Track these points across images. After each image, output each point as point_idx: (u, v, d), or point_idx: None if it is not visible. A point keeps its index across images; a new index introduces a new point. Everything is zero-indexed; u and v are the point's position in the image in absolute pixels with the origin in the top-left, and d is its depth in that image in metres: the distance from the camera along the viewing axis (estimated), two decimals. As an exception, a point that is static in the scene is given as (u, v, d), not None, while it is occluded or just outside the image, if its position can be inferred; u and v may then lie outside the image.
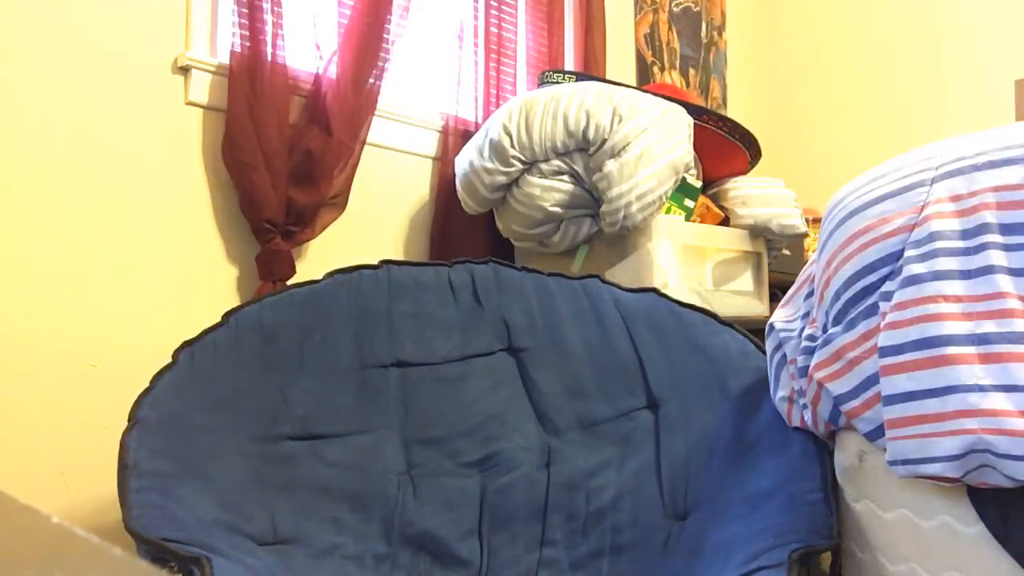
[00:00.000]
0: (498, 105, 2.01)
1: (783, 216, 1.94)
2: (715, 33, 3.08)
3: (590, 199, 1.63)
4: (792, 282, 2.05)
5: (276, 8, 1.54)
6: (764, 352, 1.15)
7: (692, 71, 2.94)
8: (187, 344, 1.17)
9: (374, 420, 1.27)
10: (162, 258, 1.46)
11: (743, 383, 1.15)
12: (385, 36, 1.73)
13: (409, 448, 1.26)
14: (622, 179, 1.52)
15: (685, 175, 1.75)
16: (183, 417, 1.09)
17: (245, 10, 1.51)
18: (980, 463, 0.71)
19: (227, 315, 1.23)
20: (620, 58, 2.63)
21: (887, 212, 0.85)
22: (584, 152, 1.61)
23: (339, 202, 1.66)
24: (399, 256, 1.84)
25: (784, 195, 1.96)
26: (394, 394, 1.29)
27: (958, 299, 0.76)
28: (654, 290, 1.34)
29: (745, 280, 1.93)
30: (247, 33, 1.50)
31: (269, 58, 1.52)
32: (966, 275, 0.77)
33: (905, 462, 0.75)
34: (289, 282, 1.56)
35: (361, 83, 1.68)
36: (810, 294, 1.01)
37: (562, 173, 1.62)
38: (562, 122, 1.59)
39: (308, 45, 1.67)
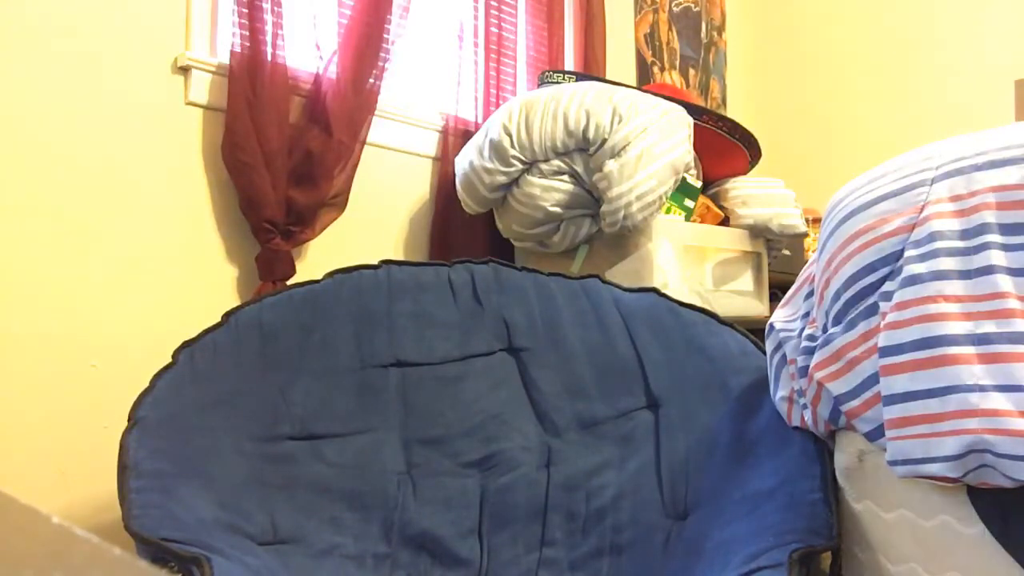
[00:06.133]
0: (498, 105, 2.01)
1: (783, 216, 1.94)
2: (715, 33, 3.08)
3: (590, 199, 1.63)
4: (792, 282, 2.05)
5: (276, 8, 1.54)
6: (764, 352, 1.15)
7: (692, 71, 2.94)
8: (187, 344, 1.17)
9: (374, 420, 1.27)
10: (162, 258, 1.46)
11: (743, 383, 1.15)
12: (385, 36, 1.73)
13: (409, 448, 1.26)
14: (622, 179, 1.52)
15: (685, 175, 1.76)
16: (183, 417, 1.09)
17: (245, 10, 1.50)
18: (980, 463, 0.71)
19: (227, 315, 1.23)
20: (620, 58, 2.63)
21: (887, 212, 0.85)
22: (584, 152, 1.61)
23: (339, 202, 1.66)
24: (399, 256, 1.84)
25: (784, 195, 1.96)
26: (394, 394, 1.29)
27: (958, 299, 0.76)
28: (654, 290, 1.33)
29: (745, 280, 1.93)
30: (247, 33, 1.50)
31: (269, 58, 1.52)
32: (966, 275, 0.77)
33: (905, 462, 0.75)
34: (289, 282, 1.56)
35: (361, 83, 1.68)
36: (810, 294, 1.01)
37: (562, 173, 1.62)
38: (562, 122, 1.59)
39: (308, 45, 1.67)
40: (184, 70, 1.50)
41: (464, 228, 1.89)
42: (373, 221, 1.80)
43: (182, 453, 1.05)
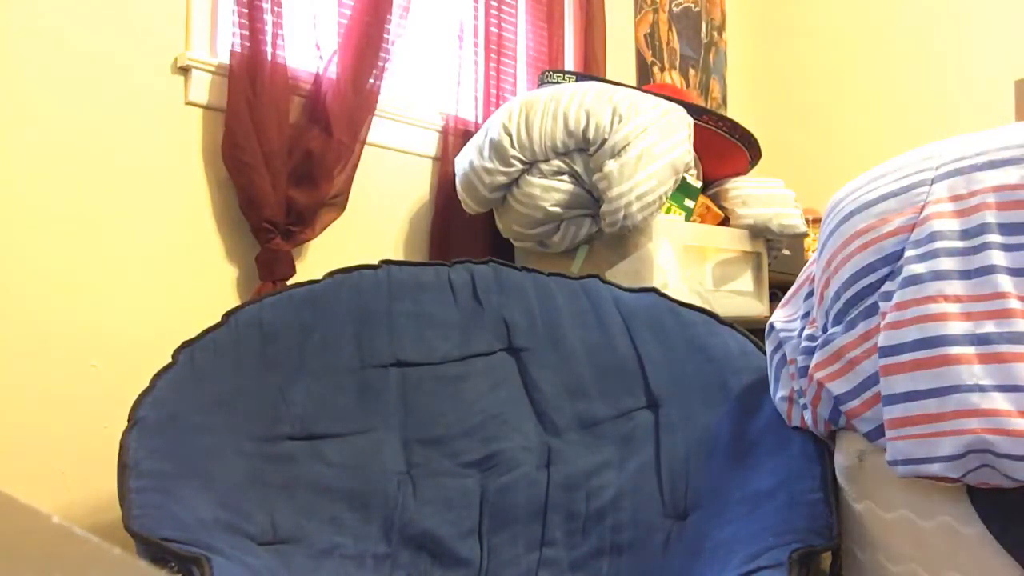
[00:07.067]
0: (498, 105, 2.01)
1: (783, 216, 1.94)
2: (715, 33, 3.08)
3: (590, 199, 1.63)
4: (792, 282, 2.05)
5: (276, 8, 1.54)
6: (764, 352, 1.15)
7: (692, 71, 2.94)
8: (187, 344, 1.17)
9: (374, 420, 1.27)
10: (162, 258, 1.46)
11: (743, 383, 1.15)
12: (385, 36, 1.73)
13: (409, 448, 1.26)
14: (622, 179, 1.52)
15: (685, 175, 1.76)
16: (183, 417, 1.09)
17: (245, 10, 1.50)
18: (980, 463, 0.71)
19: (227, 315, 1.23)
20: (620, 58, 2.63)
21: (887, 212, 0.85)
22: (584, 152, 1.61)
23: (339, 202, 1.66)
24: (399, 256, 1.84)
25: (784, 195, 1.96)
26: (394, 394, 1.29)
27: (958, 299, 0.76)
28: (654, 290, 1.34)
29: (745, 280, 1.93)
30: (247, 33, 1.50)
31: (269, 58, 1.52)
32: (966, 275, 0.77)
33: (905, 462, 0.75)
34: (289, 282, 1.56)
35: (361, 83, 1.68)
36: (810, 294, 1.01)
37: (562, 173, 1.62)
38: (562, 122, 1.59)
39: (308, 45, 1.67)
40: (184, 70, 1.50)
41: (464, 228, 1.89)
42: (373, 221, 1.80)
43: (182, 453, 1.05)
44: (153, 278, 1.45)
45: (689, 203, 1.80)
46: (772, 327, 1.04)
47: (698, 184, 1.83)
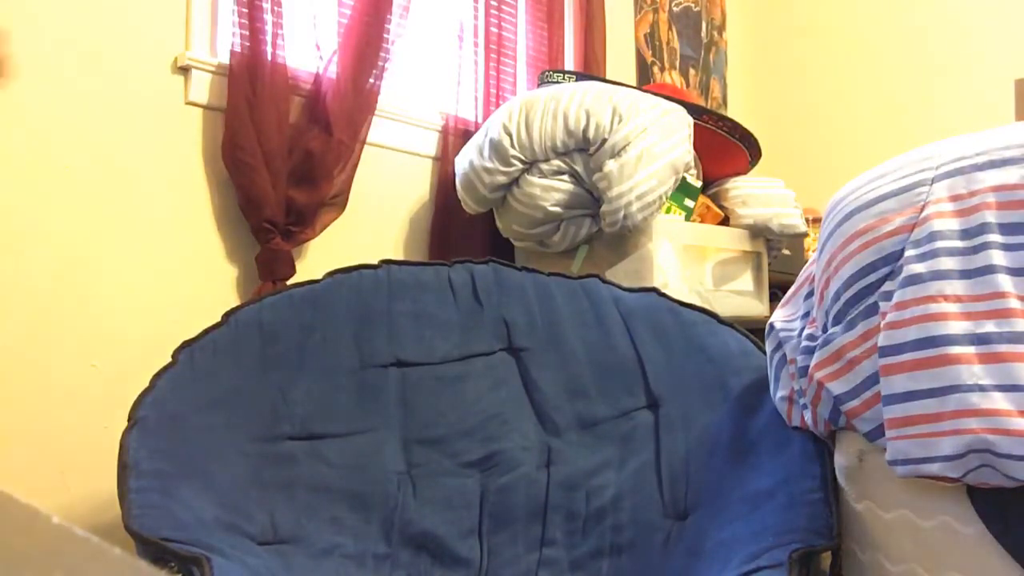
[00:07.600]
0: (498, 105, 2.01)
1: (783, 216, 1.94)
2: (715, 33, 3.08)
3: (590, 199, 1.63)
4: (792, 282, 2.05)
5: (276, 8, 1.54)
6: (764, 352, 1.15)
7: (692, 71, 2.94)
8: (187, 344, 1.17)
9: (374, 420, 1.27)
10: (162, 258, 1.46)
11: (743, 383, 1.15)
12: (385, 36, 1.73)
13: (409, 448, 1.26)
14: (622, 179, 1.52)
15: (685, 175, 1.75)
16: (183, 417, 1.09)
17: (245, 10, 1.50)
18: (980, 463, 0.71)
19: (227, 315, 1.23)
20: (620, 58, 2.63)
21: (887, 212, 0.85)
22: (584, 152, 1.61)
23: (339, 202, 1.66)
24: (399, 256, 1.84)
25: (784, 195, 1.96)
26: (394, 394, 1.29)
27: (958, 299, 0.76)
28: (654, 290, 1.34)
29: (745, 280, 1.93)
30: (247, 33, 1.50)
31: (269, 58, 1.52)
32: (966, 275, 0.77)
33: (905, 462, 0.75)
34: (289, 282, 1.56)
35: (361, 83, 1.68)
36: (810, 294, 1.01)
37: (562, 173, 1.62)
38: (562, 122, 1.59)
39: (308, 45, 1.67)
40: (184, 70, 1.50)
41: (464, 228, 1.89)
42: (373, 221, 1.80)
43: (182, 453, 1.05)
44: (153, 278, 1.44)
45: (689, 203, 1.80)
46: (772, 327, 1.04)
47: (698, 184, 1.83)
